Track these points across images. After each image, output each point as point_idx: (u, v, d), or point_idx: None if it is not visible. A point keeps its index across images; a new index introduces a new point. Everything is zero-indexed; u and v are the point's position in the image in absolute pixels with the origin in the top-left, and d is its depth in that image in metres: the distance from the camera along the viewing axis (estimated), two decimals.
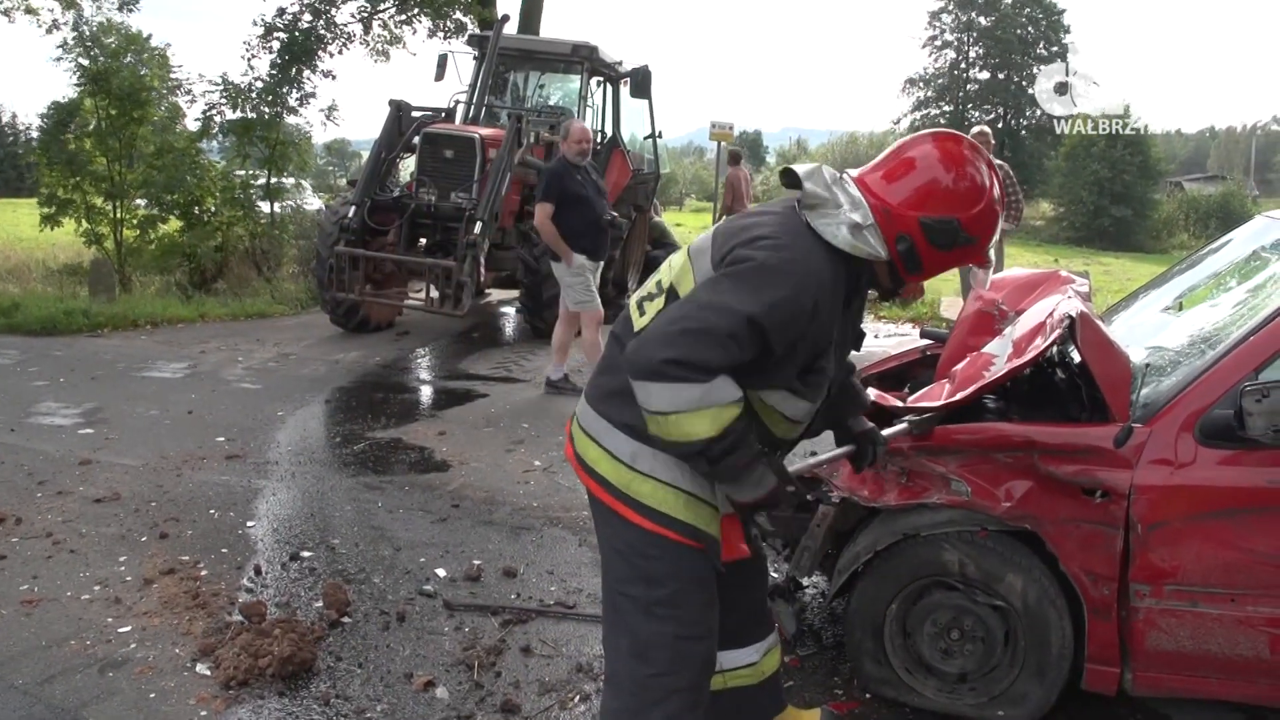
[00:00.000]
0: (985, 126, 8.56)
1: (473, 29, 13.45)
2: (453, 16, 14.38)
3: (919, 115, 44.32)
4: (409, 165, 8.92)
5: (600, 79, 10.06)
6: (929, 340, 3.78)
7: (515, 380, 6.93)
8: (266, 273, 12.41)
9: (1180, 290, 3.38)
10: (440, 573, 3.66)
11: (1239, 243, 3.44)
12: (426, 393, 6.92)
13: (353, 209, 7.96)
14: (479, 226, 7.52)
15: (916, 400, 2.86)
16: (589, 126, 10.03)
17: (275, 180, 13.83)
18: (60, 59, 13.28)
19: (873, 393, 2.73)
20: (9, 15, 13.37)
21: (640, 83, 9.72)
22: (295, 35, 13.31)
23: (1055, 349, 3.01)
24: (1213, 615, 2.39)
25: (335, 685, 2.86)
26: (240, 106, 13.17)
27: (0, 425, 5.44)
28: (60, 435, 5.32)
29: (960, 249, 1.93)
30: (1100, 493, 2.41)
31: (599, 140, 10.08)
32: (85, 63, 13.15)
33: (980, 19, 43.40)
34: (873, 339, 8.42)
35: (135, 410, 5.87)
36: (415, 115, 8.54)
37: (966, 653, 2.67)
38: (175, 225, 13.34)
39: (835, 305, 1.93)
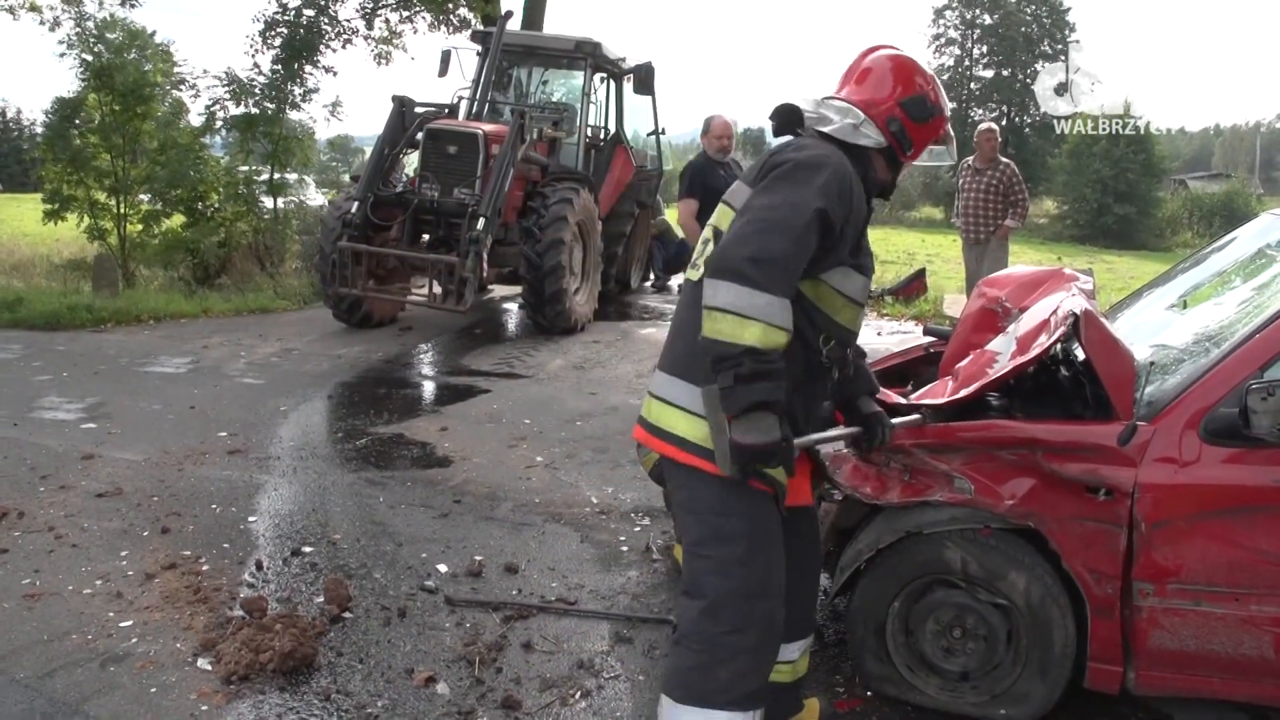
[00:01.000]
0: (992, 124, 8.54)
1: (476, 25, 13.44)
2: (455, 12, 14.38)
3: None
4: (412, 161, 8.91)
5: (603, 75, 10.04)
6: (932, 338, 3.77)
7: (518, 376, 6.93)
8: (269, 268, 12.42)
9: (1185, 288, 3.36)
10: (442, 568, 3.66)
11: (1244, 240, 3.42)
12: (429, 388, 6.92)
13: (356, 204, 7.94)
14: (482, 222, 7.51)
15: (919, 398, 2.86)
16: (597, 123, 10.07)
17: (278, 176, 13.84)
18: (64, 55, 13.32)
19: None
20: (14, 14, 13.39)
21: (643, 79, 9.70)
22: (297, 30, 13.31)
23: (1059, 346, 3.00)
24: (1216, 614, 2.38)
25: (336, 680, 2.86)
26: (244, 102, 13.18)
27: (3, 419, 5.45)
28: (63, 430, 5.33)
29: (935, 119, 2.27)
30: (1104, 491, 2.41)
31: (601, 137, 10.08)
32: (89, 58, 13.17)
33: (985, 16, 43.32)
34: (875, 336, 8.41)
35: (138, 405, 5.87)
36: (419, 111, 8.51)
37: (969, 651, 2.66)
38: (179, 221, 13.37)
39: (861, 188, 2.15)
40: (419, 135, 8.21)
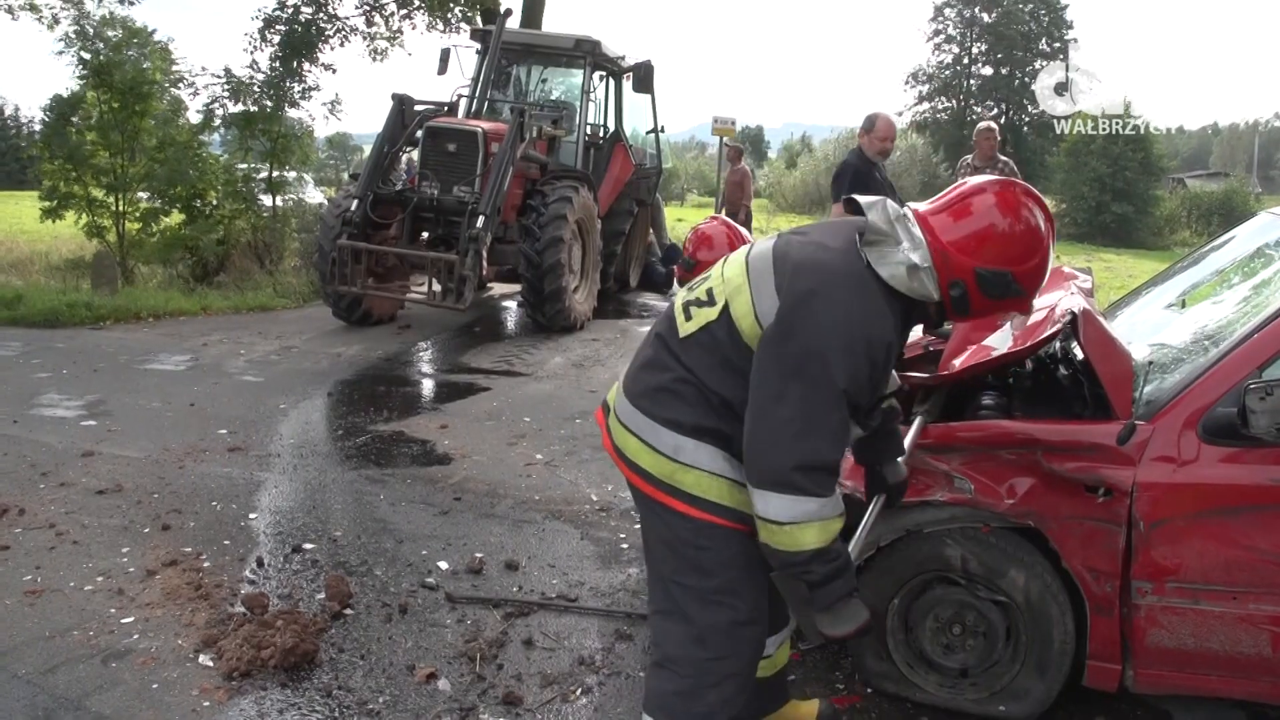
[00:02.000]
0: (992, 122, 8.51)
1: (476, 22, 13.43)
2: (453, 11, 14.36)
3: (922, 110, 44.32)
4: (412, 159, 8.90)
5: (603, 73, 10.05)
6: (932, 336, 3.78)
7: (517, 374, 6.93)
8: (269, 266, 12.41)
9: (1183, 287, 3.37)
10: (442, 565, 3.67)
11: (1243, 239, 3.43)
12: (428, 386, 6.92)
13: (355, 202, 7.95)
14: (481, 220, 7.52)
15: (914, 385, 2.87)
16: (596, 121, 10.06)
17: (277, 174, 13.83)
18: (63, 52, 13.29)
19: None
20: (12, 14, 13.37)
21: (643, 77, 9.71)
22: (295, 28, 13.30)
23: (1058, 344, 3.02)
24: (1214, 613, 2.39)
25: (337, 677, 2.87)
26: (242, 100, 13.17)
27: (3, 417, 5.45)
28: (63, 427, 5.33)
29: (1011, 299, 1.96)
30: (1103, 490, 2.41)
31: (600, 135, 10.07)
32: (87, 56, 13.15)
33: (984, 14, 43.34)
34: None
35: (137, 402, 5.87)
36: (418, 109, 8.52)
37: (968, 648, 2.67)
38: (177, 218, 13.36)
39: (895, 346, 1.99)
40: (418, 133, 8.21)
